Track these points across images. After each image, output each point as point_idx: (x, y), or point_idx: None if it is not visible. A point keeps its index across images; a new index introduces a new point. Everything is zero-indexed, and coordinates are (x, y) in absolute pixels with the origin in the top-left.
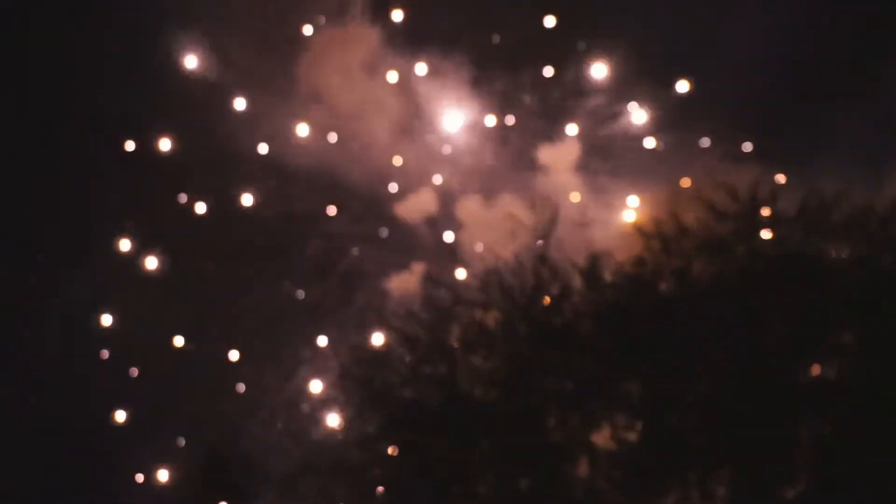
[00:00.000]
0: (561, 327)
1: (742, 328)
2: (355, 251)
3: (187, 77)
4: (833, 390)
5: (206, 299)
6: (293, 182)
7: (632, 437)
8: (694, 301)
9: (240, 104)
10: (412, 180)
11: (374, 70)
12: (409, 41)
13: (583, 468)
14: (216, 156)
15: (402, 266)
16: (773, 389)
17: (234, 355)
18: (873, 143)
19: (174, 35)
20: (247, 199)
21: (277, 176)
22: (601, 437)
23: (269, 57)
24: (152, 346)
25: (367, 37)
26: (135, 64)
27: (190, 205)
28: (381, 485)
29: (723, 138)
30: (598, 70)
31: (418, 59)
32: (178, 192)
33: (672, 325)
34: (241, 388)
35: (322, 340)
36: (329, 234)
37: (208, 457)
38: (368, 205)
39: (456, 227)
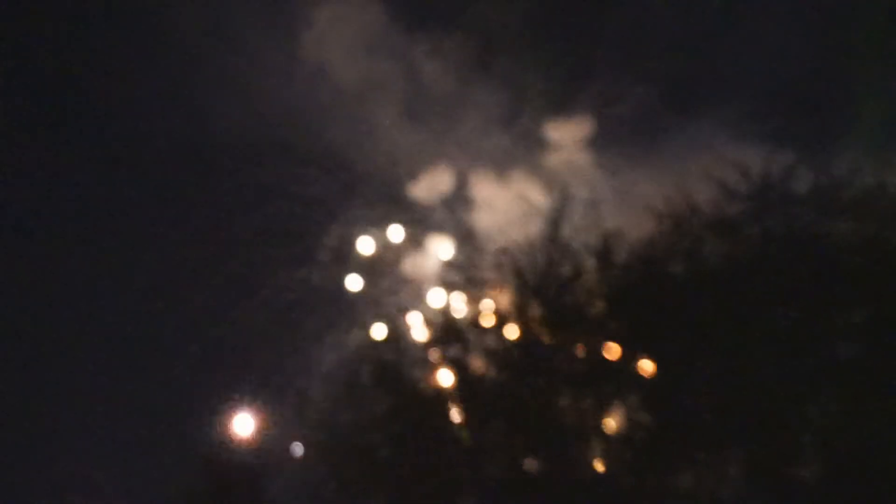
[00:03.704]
0: (573, 308)
1: (753, 308)
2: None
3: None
4: (844, 370)
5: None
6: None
7: (644, 418)
8: (705, 281)
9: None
10: (424, 162)
11: (380, 48)
12: (413, 18)
13: (595, 449)
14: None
15: (416, 247)
16: (785, 369)
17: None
18: (885, 124)
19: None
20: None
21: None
22: (613, 418)
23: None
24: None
25: (373, 13)
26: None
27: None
28: (391, 465)
29: (739, 119)
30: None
31: (423, 36)
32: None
33: (683, 306)
34: (253, 368)
35: (335, 322)
36: (344, 218)
37: (218, 438)
38: (381, 188)
39: (470, 207)
